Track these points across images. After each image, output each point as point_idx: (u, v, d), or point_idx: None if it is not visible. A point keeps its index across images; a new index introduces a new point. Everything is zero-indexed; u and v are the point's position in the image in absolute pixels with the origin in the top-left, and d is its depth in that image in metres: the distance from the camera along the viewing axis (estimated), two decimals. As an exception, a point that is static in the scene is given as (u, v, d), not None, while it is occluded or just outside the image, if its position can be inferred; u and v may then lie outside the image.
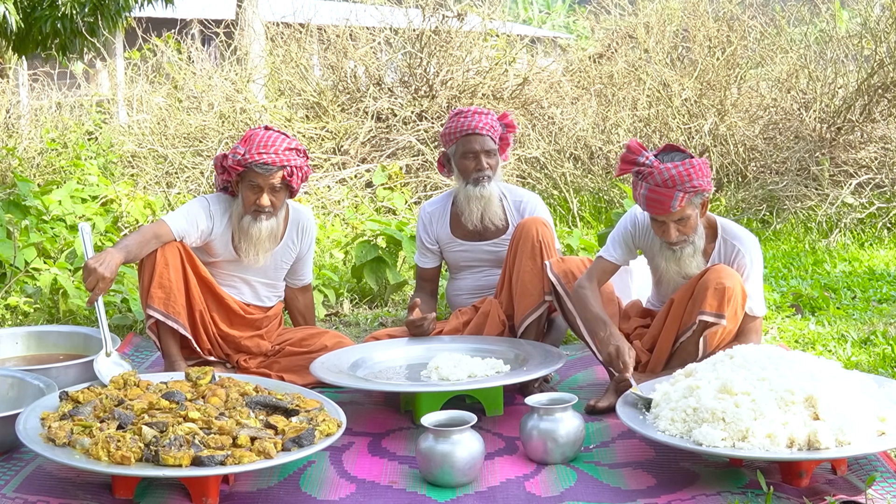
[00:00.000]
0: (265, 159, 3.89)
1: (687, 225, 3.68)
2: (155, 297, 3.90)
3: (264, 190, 3.94)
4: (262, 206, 3.96)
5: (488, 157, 4.29)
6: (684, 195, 3.58)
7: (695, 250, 3.74)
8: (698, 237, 3.74)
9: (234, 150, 3.95)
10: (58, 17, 7.58)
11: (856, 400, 3.07)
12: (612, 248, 3.93)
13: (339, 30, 9.42)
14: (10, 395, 3.55)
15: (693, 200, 3.64)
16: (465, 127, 4.26)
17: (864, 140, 8.55)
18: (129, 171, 8.57)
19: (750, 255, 3.74)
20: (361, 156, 8.64)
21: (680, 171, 3.58)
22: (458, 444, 3.09)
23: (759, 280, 3.78)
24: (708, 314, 3.61)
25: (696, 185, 3.59)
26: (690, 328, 3.68)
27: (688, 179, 3.57)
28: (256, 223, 3.99)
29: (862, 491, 2.96)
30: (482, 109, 4.34)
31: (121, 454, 2.81)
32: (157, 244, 3.89)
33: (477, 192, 4.30)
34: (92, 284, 3.59)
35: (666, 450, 3.32)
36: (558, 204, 8.26)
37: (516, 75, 9.37)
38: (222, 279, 4.15)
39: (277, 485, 3.13)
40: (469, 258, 4.47)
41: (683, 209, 3.62)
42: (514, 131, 4.41)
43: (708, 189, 3.65)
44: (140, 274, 3.96)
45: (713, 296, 3.59)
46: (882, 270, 6.39)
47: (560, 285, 3.96)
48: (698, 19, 9.59)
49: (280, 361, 4.14)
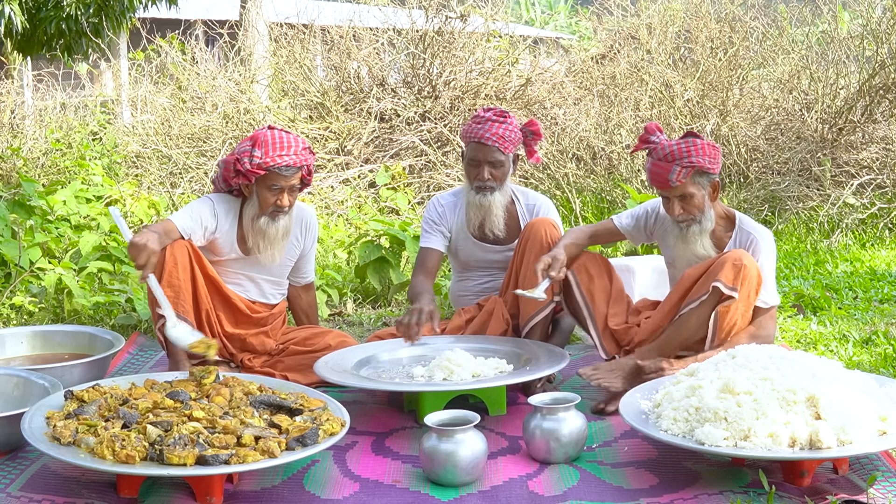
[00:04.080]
0: (287, 161, 3.92)
1: (691, 203, 3.82)
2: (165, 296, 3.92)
3: (284, 191, 3.98)
4: (283, 207, 4.00)
5: (493, 167, 4.22)
6: (681, 170, 3.76)
7: (701, 230, 3.86)
8: (706, 219, 3.86)
9: (248, 154, 3.93)
10: (62, 18, 7.61)
11: (857, 399, 3.07)
12: (623, 216, 4.16)
13: (342, 30, 9.44)
14: (15, 394, 3.56)
15: (696, 179, 3.79)
16: (474, 134, 4.20)
17: (866, 141, 8.56)
18: (133, 171, 8.58)
19: (765, 245, 3.85)
20: (365, 156, 8.65)
21: (680, 146, 3.79)
22: (462, 444, 3.10)
23: (772, 271, 3.88)
24: (723, 284, 3.65)
25: (694, 162, 3.76)
26: (699, 299, 3.72)
27: (686, 155, 3.77)
28: (274, 223, 4.03)
29: (863, 490, 2.97)
30: (501, 116, 4.22)
31: (125, 453, 2.82)
32: (167, 240, 3.91)
33: (477, 200, 4.26)
34: (144, 260, 3.62)
35: (668, 449, 3.33)
36: (561, 204, 8.26)
37: (519, 76, 9.37)
38: (228, 277, 4.17)
39: (281, 484, 3.14)
40: (479, 259, 4.44)
41: (684, 186, 3.79)
42: (540, 139, 4.35)
43: (710, 169, 3.80)
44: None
45: (731, 269, 3.66)
46: (883, 271, 6.40)
47: (574, 279, 4.02)
48: (700, 20, 9.59)
49: (284, 361, 4.15)
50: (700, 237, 3.87)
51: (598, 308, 4.03)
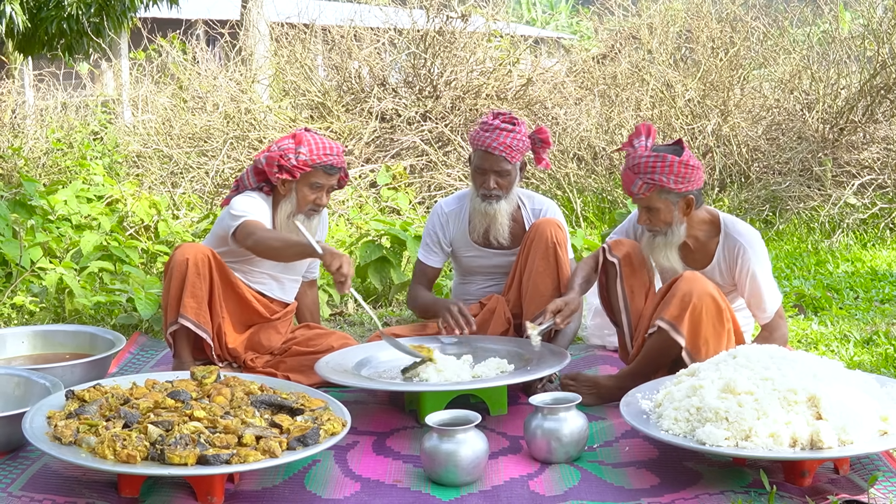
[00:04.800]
0: (332, 161, 4.08)
1: (657, 217, 3.71)
2: (188, 306, 3.94)
3: (324, 189, 4.12)
4: (321, 205, 4.14)
5: (499, 176, 4.18)
6: (643, 184, 3.65)
7: (666, 243, 3.74)
8: (673, 234, 3.73)
9: (293, 151, 4.04)
10: (63, 18, 7.61)
11: (858, 400, 3.07)
12: (613, 236, 4.06)
13: (343, 30, 9.43)
14: (16, 394, 3.56)
15: (662, 195, 3.66)
16: (482, 142, 4.16)
17: (867, 141, 8.55)
18: (134, 171, 8.58)
19: (754, 251, 3.72)
20: (366, 156, 8.65)
21: (648, 161, 3.66)
22: (463, 444, 3.10)
23: (766, 275, 3.76)
24: (666, 322, 3.57)
25: (656, 180, 3.63)
26: (650, 332, 3.67)
27: (650, 171, 3.64)
28: (310, 221, 4.13)
29: (864, 490, 2.97)
30: (509, 125, 4.16)
31: (126, 453, 2.82)
32: None
33: (483, 207, 4.23)
34: (348, 269, 3.68)
35: (669, 449, 3.33)
36: (562, 204, 8.26)
37: (520, 76, 9.37)
38: (252, 276, 4.23)
39: (282, 483, 3.14)
40: (483, 265, 4.42)
41: (648, 199, 3.68)
42: (549, 147, 4.29)
43: (676, 189, 3.65)
44: (168, 280, 3.98)
45: (677, 305, 3.56)
46: (884, 271, 6.40)
47: (619, 270, 3.86)
48: (701, 20, 9.59)
49: (286, 361, 4.16)
50: (665, 249, 3.76)
51: (636, 305, 3.88)
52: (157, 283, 5.36)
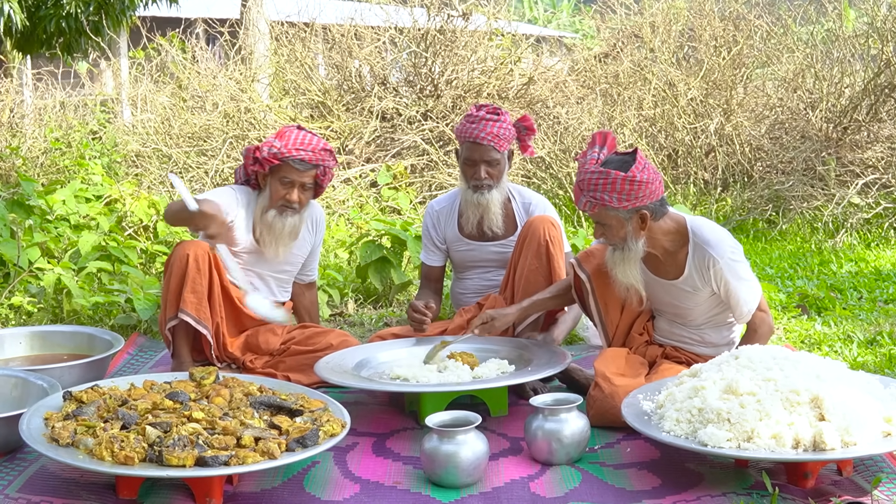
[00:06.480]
0: (302, 156, 4.01)
1: (610, 233, 3.59)
2: (188, 301, 3.92)
3: (295, 186, 4.06)
4: (291, 202, 4.07)
5: (489, 166, 4.24)
6: (587, 202, 3.54)
7: (624, 259, 3.60)
8: (629, 250, 3.58)
9: (269, 144, 4.03)
10: (62, 17, 7.60)
11: (861, 401, 3.05)
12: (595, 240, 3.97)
13: (343, 29, 9.42)
14: (13, 395, 3.55)
15: (611, 212, 3.52)
16: (469, 134, 4.21)
17: (871, 140, 8.52)
18: (133, 170, 8.57)
19: (724, 260, 3.55)
20: (366, 155, 8.63)
21: (592, 177, 3.51)
22: (463, 445, 3.08)
23: (740, 280, 3.58)
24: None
25: (600, 198, 3.50)
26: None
27: (593, 189, 3.51)
28: (281, 218, 4.09)
29: (868, 492, 2.95)
30: (494, 115, 4.20)
31: (124, 454, 2.81)
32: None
33: (475, 198, 4.28)
34: (216, 230, 3.71)
35: (671, 450, 3.31)
36: (563, 204, 8.25)
37: (521, 75, 9.35)
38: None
39: (281, 485, 3.12)
40: (476, 258, 4.46)
41: (597, 215, 3.56)
42: (533, 134, 4.36)
43: (619, 207, 3.50)
44: (168, 275, 3.96)
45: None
46: (888, 271, 6.37)
47: (590, 286, 3.81)
48: (704, 19, 9.58)
49: (286, 361, 4.14)
50: (623, 264, 3.61)
51: (610, 318, 3.84)
52: (155, 283, 5.34)
